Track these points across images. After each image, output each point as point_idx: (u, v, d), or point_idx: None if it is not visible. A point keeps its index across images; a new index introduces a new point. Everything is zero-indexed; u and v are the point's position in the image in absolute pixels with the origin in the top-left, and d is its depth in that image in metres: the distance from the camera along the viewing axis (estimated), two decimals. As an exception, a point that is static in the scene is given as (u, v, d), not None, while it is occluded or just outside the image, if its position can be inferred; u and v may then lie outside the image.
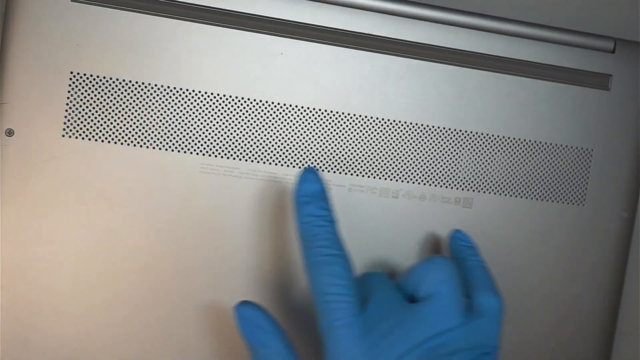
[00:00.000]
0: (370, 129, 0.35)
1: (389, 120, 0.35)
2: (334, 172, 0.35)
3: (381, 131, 0.35)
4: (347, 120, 0.35)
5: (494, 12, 0.36)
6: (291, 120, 0.34)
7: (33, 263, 0.32)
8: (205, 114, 0.33)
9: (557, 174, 0.37)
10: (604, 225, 0.37)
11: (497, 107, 0.36)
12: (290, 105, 0.34)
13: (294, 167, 0.34)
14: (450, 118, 0.35)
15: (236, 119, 0.34)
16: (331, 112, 0.34)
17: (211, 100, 0.33)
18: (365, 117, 0.35)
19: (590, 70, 0.37)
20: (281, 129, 0.34)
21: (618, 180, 0.37)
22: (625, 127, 0.37)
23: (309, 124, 0.34)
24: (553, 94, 0.36)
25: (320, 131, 0.34)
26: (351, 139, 0.35)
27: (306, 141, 0.34)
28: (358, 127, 0.35)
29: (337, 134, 0.35)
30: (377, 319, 0.28)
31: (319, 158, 0.34)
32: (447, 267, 0.30)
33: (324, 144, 0.34)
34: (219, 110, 0.33)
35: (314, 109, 0.34)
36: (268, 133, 0.34)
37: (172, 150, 0.33)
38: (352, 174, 0.35)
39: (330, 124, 0.34)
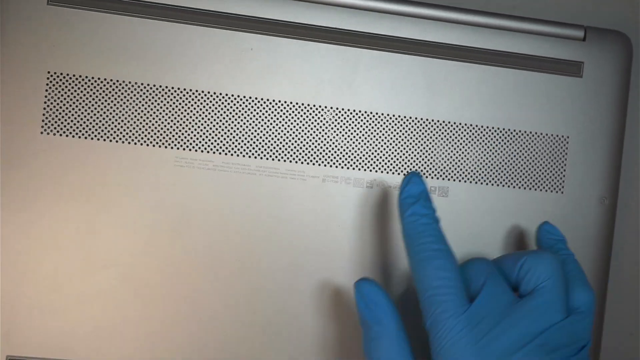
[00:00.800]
0: (342, 121, 0.35)
1: (360, 111, 0.36)
2: (307, 163, 0.35)
3: (353, 122, 0.35)
4: (319, 112, 0.35)
5: (463, 4, 0.37)
6: (263, 114, 0.35)
7: (13, 258, 0.33)
8: (179, 109, 0.34)
9: (534, 162, 0.37)
10: (584, 212, 0.37)
11: (469, 97, 0.36)
12: (262, 99, 0.35)
13: (267, 159, 0.35)
14: (421, 108, 0.36)
15: (209, 113, 0.35)
16: (302, 104, 0.35)
17: (184, 95, 0.34)
18: (337, 108, 0.35)
19: (562, 58, 0.37)
20: (254, 122, 0.35)
21: (596, 166, 0.37)
22: (599, 112, 0.37)
23: (281, 116, 0.35)
24: (526, 82, 0.37)
25: (292, 124, 0.35)
26: (323, 130, 0.35)
27: (279, 133, 0.35)
28: (330, 119, 0.35)
29: (309, 126, 0.35)
30: (485, 312, 0.28)
31: (292, 150, 0.35)
32: (554, 262, 0.30)
33: (296, 136, 0.35)
34: (191, 105, 0.34)
35: (285, 102, 0.35)
36: (241, 126, 0.35)
37: (147, 145, 0.34)
38: (325, 165, 0.35)
39: (302, 116, 0.35)
